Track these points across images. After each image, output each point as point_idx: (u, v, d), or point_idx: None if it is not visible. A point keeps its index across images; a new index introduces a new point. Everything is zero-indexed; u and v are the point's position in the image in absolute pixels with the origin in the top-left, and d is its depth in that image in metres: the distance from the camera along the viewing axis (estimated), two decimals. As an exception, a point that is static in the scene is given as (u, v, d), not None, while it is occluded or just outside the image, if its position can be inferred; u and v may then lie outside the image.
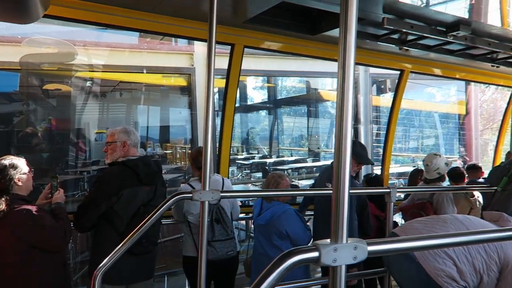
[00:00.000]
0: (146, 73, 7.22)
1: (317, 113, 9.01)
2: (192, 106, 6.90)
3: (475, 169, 5.01)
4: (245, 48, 3.79)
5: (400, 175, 8.63)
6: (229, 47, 3.77)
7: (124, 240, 1.92)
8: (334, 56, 2.99)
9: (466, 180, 4.71)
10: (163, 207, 2.05)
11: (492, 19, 6.03)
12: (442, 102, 11.24)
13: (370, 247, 1.20)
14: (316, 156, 9.42)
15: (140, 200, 2.57)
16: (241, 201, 5.37)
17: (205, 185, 2.20)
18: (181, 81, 7.43)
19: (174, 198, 2.16)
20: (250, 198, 4.76)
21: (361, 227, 3.21)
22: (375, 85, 8.24)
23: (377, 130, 7.75)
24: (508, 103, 5.71)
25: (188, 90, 7.04)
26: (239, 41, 3.71)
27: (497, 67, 4.50)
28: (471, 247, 2.16)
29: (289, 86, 11.55)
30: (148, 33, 4.82)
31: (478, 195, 4.36)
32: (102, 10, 3.12)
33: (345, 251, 1.14)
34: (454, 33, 3.32)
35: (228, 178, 3.74)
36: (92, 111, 7.45)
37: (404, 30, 3.25)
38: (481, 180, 4.94)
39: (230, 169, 10.14)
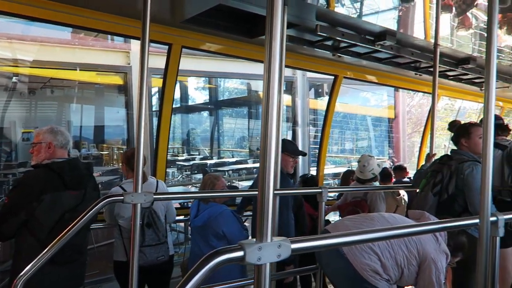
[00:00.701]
0: (80, 70, 6.87)
1: (258, 114, 9.14)
2: (128, 105, 6.68)
3: (401, 170, 5.39)
4: (185, 49, 3.77)
5: (335, 175, 9.02)
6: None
7: (47, 249, 1.82)
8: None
9: (393, 180, 5.05)
10: (91, 212, 1.97)
11: (417, 31, 6.53)
12: (375, 107, 11.91)
13: (294, 245, 1.25)
14: (256, 157, 9.55)
15: (65, 205, 2.39)
16: (180, 203, 5.30)
17: (137, 187, 2.15)
18: (117, 80, 7.17)
19: (103, 202, 2.08)
20: (189, 200, 4.71)
21: (297, 226, 3.31)
22: (313, 89, 8.54)
23: (315, 133, 8.05)
24: (430, 109, 6.20)
25: (124, 89, 6.81)
26: (176, 41, 3.67)
27: (420, 75, 4.88)
28: (394, 243, 2.32)
29: (231, 87, 11.59)
30: (80, 29, 4.59)
31: (403, 193, 4.69)
32: (30, 2, 2.94)
33: (269, 250, 1.17)
34: (381, 42, 3.56)
35: (165, 180, 3.68)
36: (19, 109, 6.95)
37: (336, 38, 3.42)
38: (406, 179, 5.34)
39: (170, 171, 9.96)
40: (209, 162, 10.28)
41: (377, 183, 4.50)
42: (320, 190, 2.88)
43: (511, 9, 5.77)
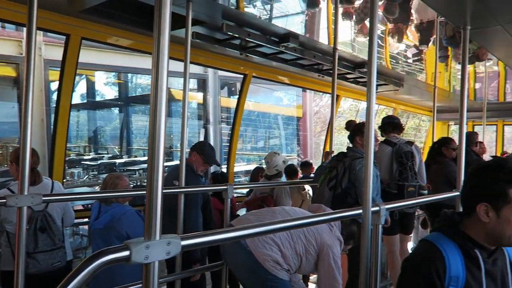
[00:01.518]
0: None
1: (170, 112, 8.95)
2: (21, 100, 6.02)
3: (306, 166, 5.69)
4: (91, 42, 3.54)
5: (248, 172, 9.21)
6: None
7: None
8: (180, 56, 3.02)
9: (299, 176, 5.32)
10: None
11: (323, 35, 6.94)
12: (287, 106, 12.43)
13: (184, 241, 1.25)
14: (169, 155, 9.35)
15: None
16: (83, 205, 4.98)
17: (23, 188, 1.97)
18: (9, 71, 6.45)
19: (-19, 206, 1.87)
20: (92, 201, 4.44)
21: (204, 222, 3.33)
22: (226, 87, 8.61)
23: (229, 131, 8.12)
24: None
25: (16, 82, 6.14)
26: (75, 32, 3.43)
27: (323, 77, 5.21)
28: (293, 234, 2.46)
29: (143, 84, 11.16)
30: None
31: (308, 188, 4.97)
32: None
33: (157, 248, 1.16)
34: (286, 44, 3.72)
35: (69, 181, 3.43)
36: None
37: (242, 37, 3.49)
38: (312, 175, 5.65)
39: (76, 171, 9.28)
40: (118, 161, 9.78)
41: (284, 179, 4.71)
42: (226, 187, 2.92)
43: (400, 20, 6.43)
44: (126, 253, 1.11)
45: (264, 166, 4.71)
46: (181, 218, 2.89)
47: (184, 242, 1.24)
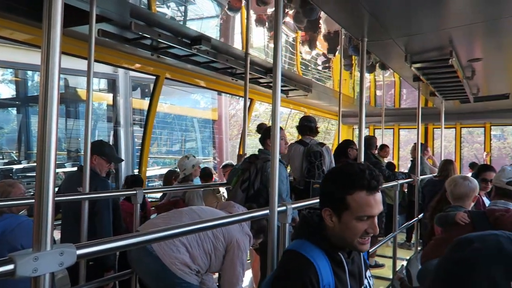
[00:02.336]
0: None
1: (78, 113, 8.35)
2: None
3: (226, 168, 5.73)
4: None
5: (163, 176, 8.99)
6: None
7: None
8: (82, 53, 2.85)
9: (214, 178, 5.34)
10: None
11: (238, 40, 7.06)
12: (203, 109, 12.37)
13: (80, 250, 1.18)
14: (76, 160, 8.73)
15: None
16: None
17: None
18: None
19: None
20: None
21: (113, 228, 3.17)
22: (139, 88, 8.29)
23: (143, 133, 7.81)
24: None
25: None
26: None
27: (236, 80, 5.29)
28: (201, 233, 2.44)
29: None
30: None
31: (223, 190, 5.01)
32: None
33: (48, 259, 1.09)
34: (197, 47, 3.71)
35: None
36: None
37: (152, 37, 3.40)
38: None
39: (-38, 179, 8.20)
40: (16, 167, 8.85)
41: (198, 182, 4.68)
42: (135, 192, 2.82)
43: (310, 29, 6.81)
44: (10, 266, 1.02)
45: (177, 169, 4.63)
46: (85, 226, 2.72)
47: (80, 251, 1.18)
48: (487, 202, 3.32)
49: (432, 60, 4.14)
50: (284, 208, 2.22)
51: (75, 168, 8.75)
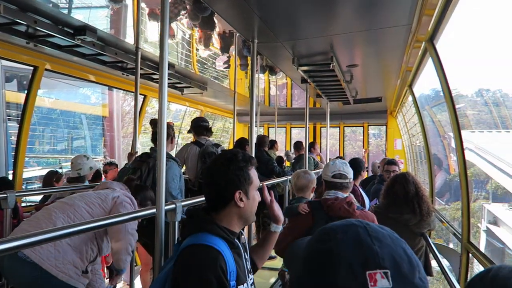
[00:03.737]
0: None
1: None
2: None
3: (111, 166, 5.43)
4: None
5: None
6: None
7: None
8: None
9: (103, 179, 5.02)
10: None
11: (130, 33, 6.71)
12: (93, 104, 11.53)
13: None
14: None
15: None
16: None
17: None
18: None
19: None
20: None
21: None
22: (15, 80, 7.39)
23: (18, 130, 6.94)
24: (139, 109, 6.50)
25: None
26: None
27: (127, 75, 5.05)
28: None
29: None
30: None
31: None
32: None
33: None
34: (82, 37, 3.45)
35: None
36: None
37: (27, 24, 3.06)
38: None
39: None
40: None
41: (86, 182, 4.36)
42: (5, 195, 2.53)
43: (205, 26, 6.81)
44: None
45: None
46: None
47: None
48: (364, 193, 3.74)
49: (316, 64, 4.48)
50: (173, 206, 2.20)
51: None
